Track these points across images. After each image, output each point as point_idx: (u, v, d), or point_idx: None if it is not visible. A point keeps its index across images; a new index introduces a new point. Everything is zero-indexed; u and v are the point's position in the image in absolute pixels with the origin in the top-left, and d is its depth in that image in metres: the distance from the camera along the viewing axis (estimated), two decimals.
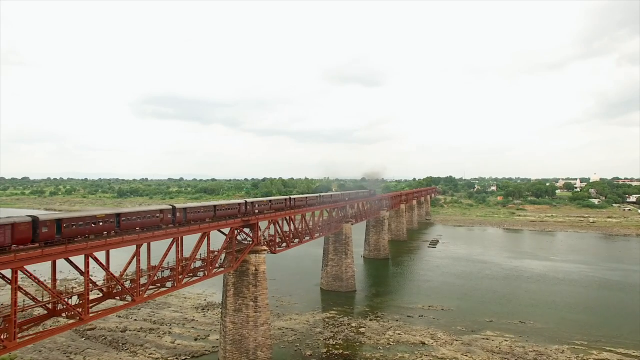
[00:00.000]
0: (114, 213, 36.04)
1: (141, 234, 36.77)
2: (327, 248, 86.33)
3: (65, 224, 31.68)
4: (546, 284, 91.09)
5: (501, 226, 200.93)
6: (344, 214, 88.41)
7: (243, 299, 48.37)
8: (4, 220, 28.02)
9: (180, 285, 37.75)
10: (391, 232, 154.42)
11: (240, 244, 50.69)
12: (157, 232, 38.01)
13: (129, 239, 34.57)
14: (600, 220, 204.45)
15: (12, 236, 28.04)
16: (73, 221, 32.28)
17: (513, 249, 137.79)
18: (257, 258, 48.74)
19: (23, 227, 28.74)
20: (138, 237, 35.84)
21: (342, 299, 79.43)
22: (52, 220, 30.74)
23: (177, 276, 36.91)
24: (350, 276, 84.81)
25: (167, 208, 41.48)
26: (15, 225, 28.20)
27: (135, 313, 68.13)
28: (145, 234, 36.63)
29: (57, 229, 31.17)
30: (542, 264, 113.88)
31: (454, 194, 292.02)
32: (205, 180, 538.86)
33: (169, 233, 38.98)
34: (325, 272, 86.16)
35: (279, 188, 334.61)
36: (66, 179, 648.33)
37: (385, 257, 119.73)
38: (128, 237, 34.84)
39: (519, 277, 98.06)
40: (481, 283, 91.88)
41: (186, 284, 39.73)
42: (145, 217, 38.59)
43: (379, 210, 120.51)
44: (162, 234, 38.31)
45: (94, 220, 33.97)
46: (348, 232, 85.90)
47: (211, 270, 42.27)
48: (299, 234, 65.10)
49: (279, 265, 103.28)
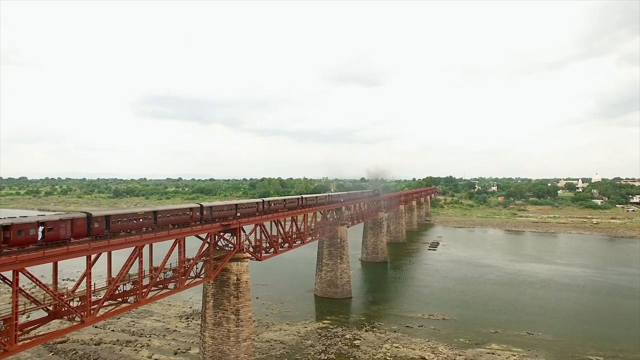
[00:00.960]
0: (152, 210, 38.42)
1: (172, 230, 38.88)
2: (322, 252, 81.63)
3: (113, 220, 33.84)
4: (552, 290, 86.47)
5: (502, 227, 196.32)
6: (339, 216, 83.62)
7: (223, 311, 43.70)
8: (65, 216, 30.14)
9: (144, 301, 33.06)
10: (390, 234, 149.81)
11: (222, 250, 46.03)
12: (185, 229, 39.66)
13: (162, 235, 36.37)
14: (604, 222, 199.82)
15: (72, 230, 30.25)
16: (119, 217, 34.50)
17: (516, 252, 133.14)
18: (239, 266, 44.07)
19: (80, 222, 30.92)
20: (168, 233, 37.66)
21: (337, 306, 74.77)
22: (102, 217, 33.05)
23: (141, 290, 32.18)
24: (345, 282, 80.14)
25: (196, 207, 44.10)
26: (74, 220, 30.41)
27: (114, 323, 63.44)
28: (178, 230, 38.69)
29: (106, 224, 33.33)
30: (547, 267, 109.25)
31: (454, 195, 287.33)
32: (204, 180, 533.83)
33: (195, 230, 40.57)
34: (319, 278, 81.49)
35: (277, 188, 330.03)
36: (64, 179, 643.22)
37: (384, 261, 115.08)
38: (161, 233, 36.63)
39: (523, 282, 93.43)
40: (484, 289, 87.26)
41: (152, 299, 35.01)
42: (178, 214, 41.24)
43: (377, 211, 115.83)
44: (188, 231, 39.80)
45: (135, 217, 36.28)
46: (343, 236, 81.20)
47: (183, 282, 37.53)
48: (289, 238, 60.39)
49: (272, 269, 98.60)
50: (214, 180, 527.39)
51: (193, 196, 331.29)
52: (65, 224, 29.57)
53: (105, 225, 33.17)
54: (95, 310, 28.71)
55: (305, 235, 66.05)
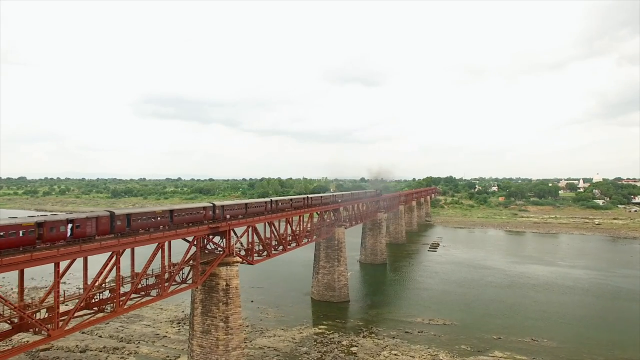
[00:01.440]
0: (169, 209, 39.67)
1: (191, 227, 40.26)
2: (318, 254, 79.29)
3: (134, 218, 35.03)
4: (555, 293, 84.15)
5: (503, 228, 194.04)
6: (337, 217, 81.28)
7: (212, 319, 41.38)
8: (90, 214, 31.56)
9: (121, 310, 30.73)
10: (389, 235, 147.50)
11: (212, 253, 43.69)
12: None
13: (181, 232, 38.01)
14: (606, 222, 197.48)
15: (97, 228, 31.60)
16: (139, 216, 35.66)
17: (517, 253, 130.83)
18: (229, 271, 41.72)
19: (104, 220, 32.32)
20: (187, 230, 39.14)
21: (334, 310, 72.45)
22: (124, 215, 34.30)
23: (118, 299, 29.83)
24: (343, 285, 77.81)
25: (209, 206, 45.51)
26: (99, 218, 31.89)
27: (102, 328, 61.09)
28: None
29: (127, 222, 34.50)
30: (549, 269, 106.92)
31: (454, 195, 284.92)
32: (203, 180, 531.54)
33: None
34: (316, 281, 79.16)
35: (276, 188, 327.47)
36: (63, 178, 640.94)
37: (383, 262, 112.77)
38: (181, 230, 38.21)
39: (524, 284, 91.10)
40: (485, 292, 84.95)
41: (132, 308, 32.65)
42: (192, 213, 42.35)
43: (376, 212, 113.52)
44: None
45: (154, 216, 37.38)
46: (341, 237, 78.87)
47: (167, 289, 35.17)
48: (283, 240, 58.04)
49: (268, 271, 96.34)
50: (213, 180, 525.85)
51: (191, 196, 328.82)
52: (91, 221, 31.26)
53: (127, 223, 34.51)
54: (64, 322, 26.31)
55: (301, 237, 63.69)
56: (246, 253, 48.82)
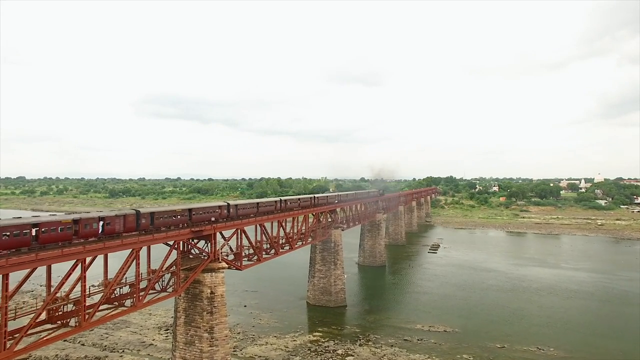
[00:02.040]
0: (187, 208, 41.70)
1: None
2: (314, 257, 76.37)
3: (157, 217, 36.98)
4: (559, 298, 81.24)
5: (504, 229, 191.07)
6: (334, 219, 78.30)
7: (196, 329, 38.51)
8: (119, 212, 33.66)
9: (87, 325, 27.73)
10: (389, 236, 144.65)
11: (197, 258, 40.77)
12: None
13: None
14: (609, 223, 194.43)
15: (124, 225, 33.56)
16: (161, 214, 37.58)
17: (519, 255, 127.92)
18: (214, 278, 38.84)
19: (131, 218, 34.44)
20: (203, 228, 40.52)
21: (330, 316, 69.56)
22: (148, 213, 36.47)
23: (84, 312, 26.84)
24: (339, 289, 74.91)
25: (224, 205, 48.16)
26: (126, 216, 33.92)
27: (85, 335, 58.19)
28: None
29: (151, 220, 36.51)
30: (552, 272, 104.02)
31: (454, 195, 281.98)
32: (202, 180, 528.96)
33: None
34: (312, 285, 76.25)
35: (275, 188, 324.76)
36: (63, 178, 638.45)
37: (382, 264, 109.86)
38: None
39: (527, 288, 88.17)
40: (486, 296, 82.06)
41: (100, 321, 29.52)
42: (209, 212, 44.58)
43: (375, 213, 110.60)
44: None
45: (174, 214, 39.19)
46: (337, 240, 75.92)
47: (142, 299, 32.18)
48: (276, 243, 55.14)
49: (263, 274, 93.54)
50: (213, 180, 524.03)
51: (190, 196, 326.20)
52: (119, 219, 33.13)
53: (150, 221, 36.47)
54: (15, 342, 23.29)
55: (295, 240, 60.76)
56: (235, 257, 45.86)
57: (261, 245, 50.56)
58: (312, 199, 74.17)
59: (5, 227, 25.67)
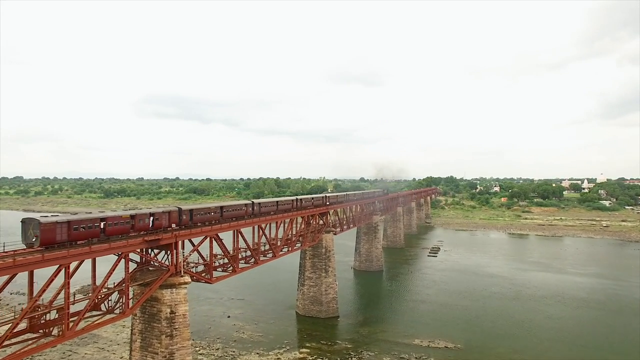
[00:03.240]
0: (219, 206, 45.79)
1: None
2: (304, 264, 70.60)
3: (195, 213, 41.19)
4: (569, 307, 75.50)
5: (506, 230, 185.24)
6: (325, 222, 72.42)
7: (153, 355, 32.77)
8: (164, 209, 38.14)
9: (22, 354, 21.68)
10: (387, 239, 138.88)
11: (158, 270, 34.97)
12: None
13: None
14: (614, 224, 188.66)
15: (169, 220, 37.85)
16: (199, 211, 42.11)
17: (522, 258, 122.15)
18: (175, 295, 33.12)
19: (174, 215, 38.72)
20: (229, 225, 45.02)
21: (321, 328, 63.82)
22: (188, 210, 40.75)
23: None
24: (331, 299, 69.11)
25: (249, 203, 52.98)
26: (170, 213, 38.34)
27: (45, 354, 52.27)
28: None
29: (190, 216, 40.52)
30: (559, 278, 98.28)
31: (455, 195, 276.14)
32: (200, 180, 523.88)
33: None
34: (301, 294, 70.48)
35: (272, 188, 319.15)
36: (61, 178, 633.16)
37: (379, 269, 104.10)
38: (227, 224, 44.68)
39: (533, 296, 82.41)
40: (489, 305, 76.31)
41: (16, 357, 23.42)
42: (237, 209, 48.94)
43: (371, 215, 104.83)
44: None
45: (209, 211, 43.41)
46: (329, 245, 70.11)
47: (73, 327, 26.17)
48: (256, 251, 49.36)
49: (251, 279, 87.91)
50: (211, 180, 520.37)
51: (186, 196, 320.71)
52: (165, 215, 37.09)
53: (190, 217, 40.63)
54: None
55: (279, 247, 54.96)
56: (205, 269, 40.08)
57: (237, 254, 44.73)
58: (324, 197, 76.94)
59: (81, 220, 30.03)
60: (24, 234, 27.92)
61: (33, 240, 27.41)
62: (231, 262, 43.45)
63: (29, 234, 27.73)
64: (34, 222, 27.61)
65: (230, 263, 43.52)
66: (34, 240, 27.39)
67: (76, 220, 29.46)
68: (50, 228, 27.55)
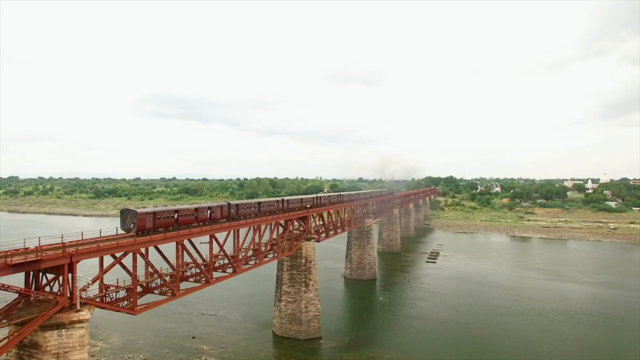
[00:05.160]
0: (257, 202, 54.38)
1: None
2: (281, 276, 61.24)
3: (240, 208, 49.74)
4: (586, 325, 66.22)
5: (509, 233, 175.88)
6: (306, 228, 62.93)
7: None
8: (218, 203, 46.18)
9: None
10: (382, 243, 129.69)
11: (46, 302, 25.42)
12: None
13: None
14: (622, 227, 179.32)
15: (221, 214, 45.96)
16: (243, 206, 50.64)
17: (528, 265, 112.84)
18: (65, 339, 23.67)
19: (225, 209, 46.86)
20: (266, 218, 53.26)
21: (298, 352, 54.64)
22: (235, 205, 48.93)
23: None
24: (312, 317, 59.79)
25: (280, 199, 59.18)
26: (222, 207, 46.39)
27: None
28: None
29: (237, 210, 48.97)
30: (570, 288, 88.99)
31: (455, 196, 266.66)
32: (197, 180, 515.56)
33: None
34: (278, 310, 61.15)
35: (267, 188, 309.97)
36: (57, 178, 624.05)
37: (372, 278, 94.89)
38: None
39: (542, 310, 73.13)
40: (494, 321, 67.08)
41: None
42: (271, 205, 56.66)
43: (362, 218, 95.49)
44: None
45: (250, 206, 52.33)
46: (310, 255, 60.71)
47: None
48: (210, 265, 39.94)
49: (229, 290, 78.70)
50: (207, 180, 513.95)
51: (178, 197, 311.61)
52: (219, 209, 45.64)
53: (236, 211, 48.34)
54: None
55: (242, 261, 45.50)
56: (127, 295, 30.64)
57: (178, 273, 35.35)
58: (339, 196, 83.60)
59: (162, 212, 36.76)
60: (123, 221, 34.50)
61: (131, 226, 34.25)
62: (167, 283, 33.97)
63: (127, 222, 34.31)
64: (131, 212, 34.45)
65: (166, 284, 34.05)
66: (132, 227, 34.24)
67: (159, 212, 36.61)
68: (143, 217, 34.50)
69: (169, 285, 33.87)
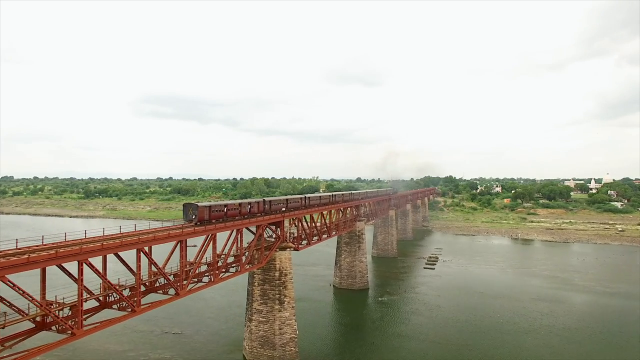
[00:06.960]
0: (285, 198, 58.34)
1: None
2: (252, 291, 52.19)
3: (272, 203, 54.27)
4: (605, 345, 57.46)
5: (511, 235, 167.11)
6: (280, 234, 53.86)
7: None
8: (256, 199, 52.04)
9: None
10: (377, 247, 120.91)
11: None
12: None
13: None
14: (630, 229, 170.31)
15: (258, 208, 50.90)
16: (275, 202, 55.19)
17: (534, 271, 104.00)
18: None
19: (261, 204, 52.02)
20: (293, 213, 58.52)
21: None
22: (269, 201, 53.92)
23: None
24: (288, 340, 50.77)
25: (303, 197, 64.42)
26: (258, 202, 51.60)
27: None
28: None
29: (269, 205, 53.62)
30: (584, 300, 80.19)
31: (454, 196, 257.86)
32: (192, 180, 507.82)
33: None
34: (248, 331, 52.17)
35: (261, 188, 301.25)
36: (52, 178, 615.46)
37: (364, 287, 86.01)
38: None
39: (554, 327, 64.38)
40: (498, 341, 58.28)
41: None
42: (297, 201, 61.62)
43: (352, 221, 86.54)
44: None
45: (280, 202, 56.58)
46: (285, 266, 51.58)
47: None
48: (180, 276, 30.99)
49: (201, 300, 69.80)
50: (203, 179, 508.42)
51: (169, 197, 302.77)
52: (257, 204, 50.90)
53: (269, 206, 53.49)
54: None
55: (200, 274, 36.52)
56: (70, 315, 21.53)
57: (121, 292, 26.32)
58: (350, 194, 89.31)
59: (216, 205, 43.74)
60: (185, 214, 42.08)
61: (192, 217, 41.37)
62: (124, 297, 25.09)
63: (189, 214, 41.74)
64: (193, 206, 41.91)
65: (124, 298, 25.15)
66: (193, 218, 41.34)
67: (214, 205, 43.54)
68: (202, 210, 41.73)
69: (127, 299, 25.07)
